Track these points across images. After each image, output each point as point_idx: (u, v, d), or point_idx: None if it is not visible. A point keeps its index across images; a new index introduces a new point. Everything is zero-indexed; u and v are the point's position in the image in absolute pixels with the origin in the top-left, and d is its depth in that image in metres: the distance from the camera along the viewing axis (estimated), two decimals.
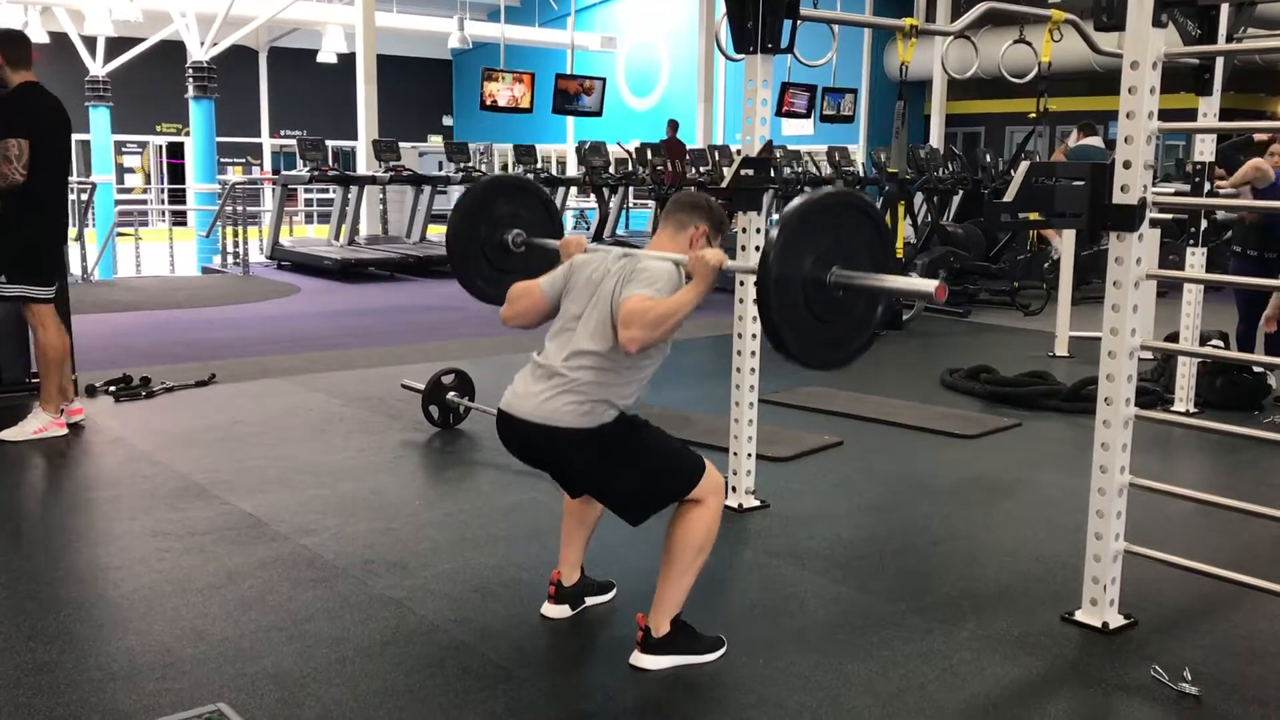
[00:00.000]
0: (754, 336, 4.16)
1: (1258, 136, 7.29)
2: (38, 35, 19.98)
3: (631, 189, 14.59)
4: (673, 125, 14.53)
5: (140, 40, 18.81)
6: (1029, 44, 7.35)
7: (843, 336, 2.90)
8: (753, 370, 4.21)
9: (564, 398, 2.81)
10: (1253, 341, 6.82)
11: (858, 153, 17.47)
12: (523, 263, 4.03)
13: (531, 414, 2.84)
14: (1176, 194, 6.51)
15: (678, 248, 3.03)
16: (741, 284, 4.16)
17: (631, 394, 2.91)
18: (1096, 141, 10.55)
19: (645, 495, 2.92)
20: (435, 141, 24.75)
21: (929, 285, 2.65)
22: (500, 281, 4.03)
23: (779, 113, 13.33)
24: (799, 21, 4.09)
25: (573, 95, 12.72)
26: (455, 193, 19.43)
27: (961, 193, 12.88)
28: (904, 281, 2.77)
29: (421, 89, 27.58)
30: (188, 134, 19.16)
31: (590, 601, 3.30)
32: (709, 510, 2.91)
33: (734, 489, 4.29)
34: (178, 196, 22.65)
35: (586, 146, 13.70)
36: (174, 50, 18.45)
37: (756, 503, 4.29)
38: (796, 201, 2.76)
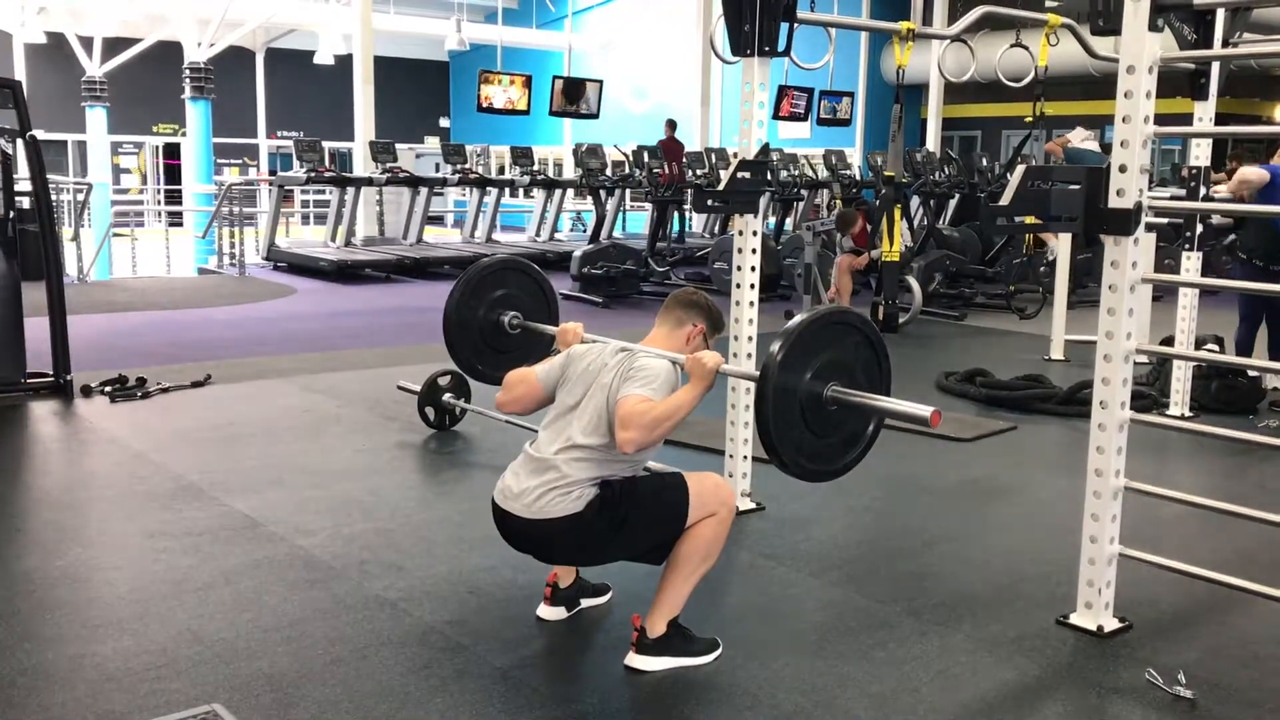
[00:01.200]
0: (750, 339, 4.17)
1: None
2: (35, 35, 20.00)
3: (629, 191, 14.60)
4: (670, 125, 14.53)
5: (137, 41, 18.79)
6: (1025, 48, 7.37)
7: (836, 450, 2.96)
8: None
9: (554, 493, 2.84)
10: (1252, 346, 6.82)
11: (854, 156, 17.48)
12: (518, 344, 4.10)
13: (524, 512, 2.87)
14: (1172, 198, 6.52)
15: (674, 345, 3.07)
16: (738, 286, 4.16)
17: (621, 475, 2.93)
18: (1094, 145, 10.58)
19: (651, 543, 2.95)
20: (432, 143, 24.73)
21: (925, 411, 2.74)
22: (495, 361, 4.13)
23: (777, 115, 13.36)
24: (796, 24, 4.10)
25: None
26: (452, 194, 19.48)
27: (958, 196, 12.90)
28: (898, 404, 2.87)
29: (418, 91, 27.56)
30: (184, 135, 19.13)
31: (586, 603, 3.30)
32: (718, 521, 2.93)
33: None
34: (174, 197, 22.61)
35: (584, 149, 13.71)
36: (171, 51, 18.43)
37: (752, 505, 4.30)
38: (799, 318, 2.84)
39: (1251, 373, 6.30)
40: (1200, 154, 5.45)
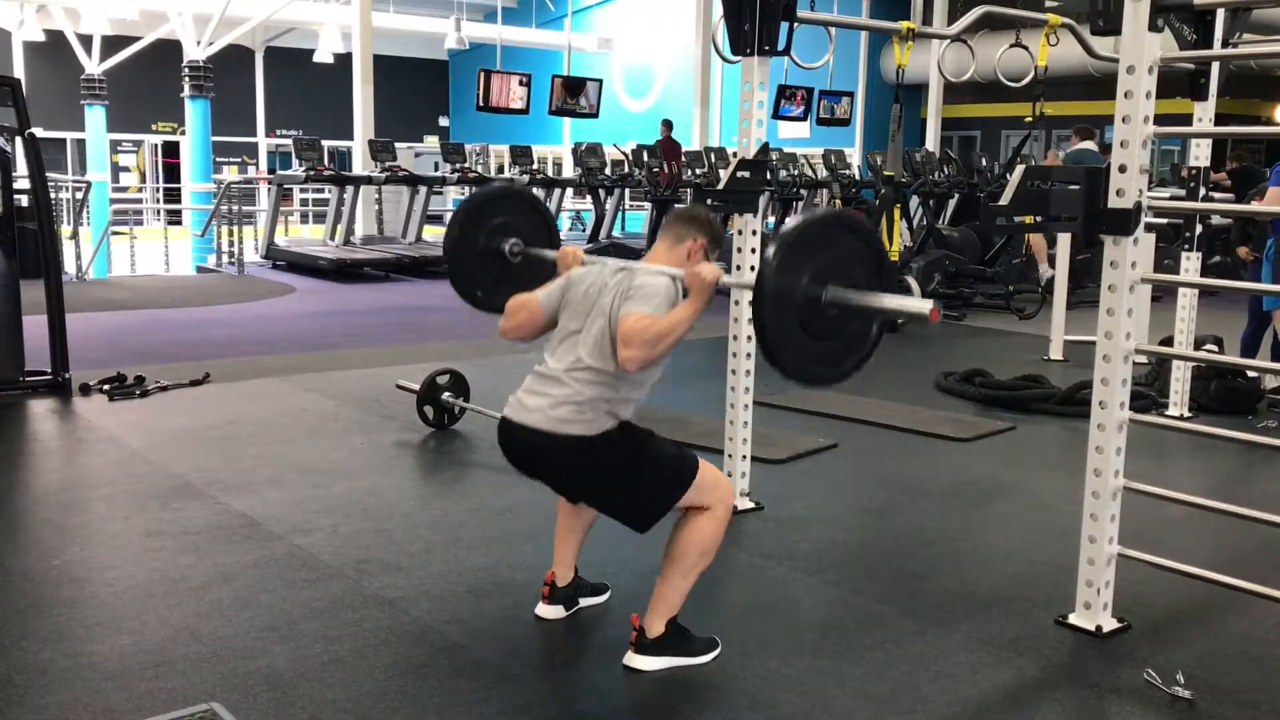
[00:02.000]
0: (749, 339, 4.16)
1: None
2: (34, 34, 19.98)
3: (628, 191, 14.59)
4: (667, 125, 14.52)
5: (136, 39, 18.78)
6: (1025, 48, 7.37)
7: (837, 354, 2.90)
8: (748, 372, 4.21)
9: (566, 407, 2.82)
10: (1257, 346, 6.85)
11: (854, 156, 17.48)
12: (519, 272, 4.04)
13: (534, 423, 2.85)
14: (1172, 198, 6.52)
15: (675, 260, 3.03)
16: (736, 303, 4.16)
17: (632, 405, 2.92)
18: (1091, 146, 10.58)
19: (647, 502, 2.92)
20: (431, 142, 24.74)
21: (924, 305, 2.65)
22: (496, 290, 4.03)
23: (776, 115, 13.35)
24: (796, 24, 4.09)
25: None
26: (451, 193, 19.48)
27: (957, 196, 12.89)
28: (898, 300, 2.78)
29: (418, 89, 27.56)
30: (183, 133, 19.14)
31: (584, 602, 3.29)
32: (715, 518, 2.91)
33: None
34: (173, 196, 22.61)
35: (583, 148, 13.71)
36: (170, 49, 18.43)
37: (751, 505, 4.30)
38: (793, 220, 2.79)
39: (1250, 373, 6.30)
40: (1200, 154, 5.45)
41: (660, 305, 2.81)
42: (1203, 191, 5.38)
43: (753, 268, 4.17)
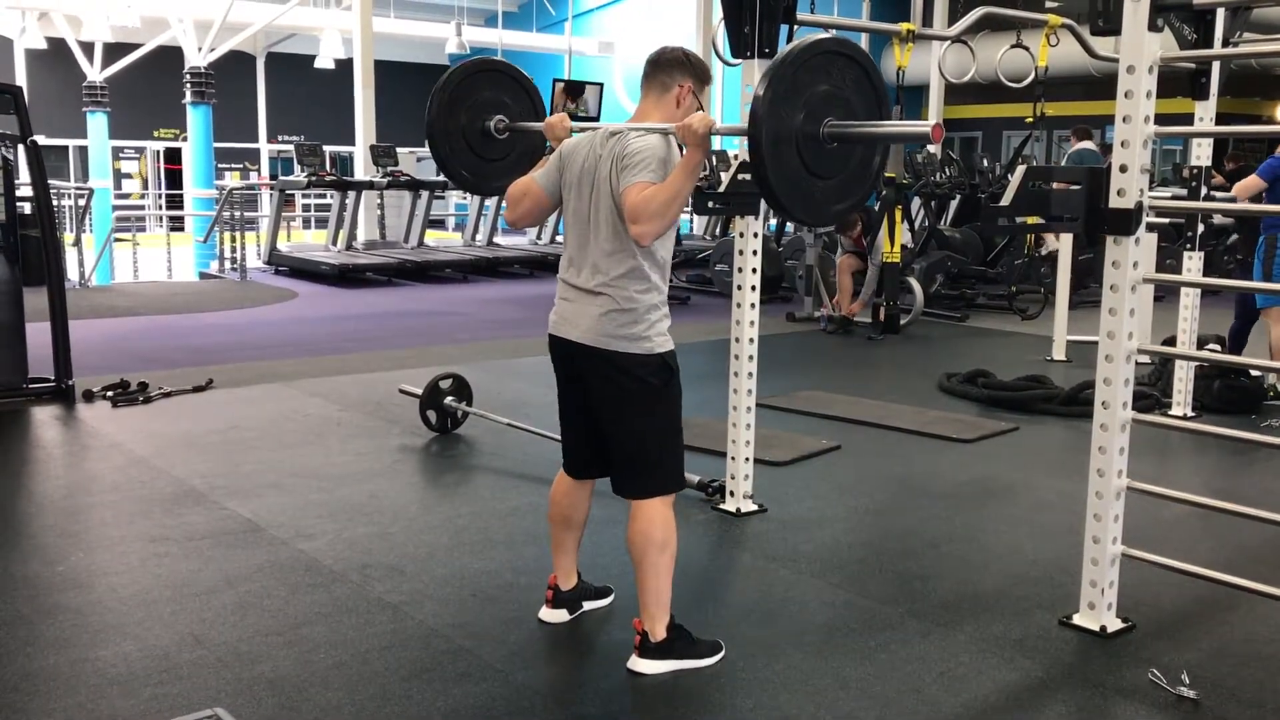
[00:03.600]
0: (751, 341, 4.16)
1: None
2: (36, 41, 20.01)
3: None
4: None
5: (138, 46, 18.80)
6: (1026, 48, 7.37)
7: (842, 188, 2.83)
8: (750, 374, 4.21)
9: (609, 319, 2.84)
10: (1245, 340, 6.92)
11: None
12: (507, 149, 3.94)
13: (581, 337, 2.88)
14: (1173, 198, 6.52)
15: (665, 112, 2.95)
16: (739, 288, 4.16)
17: (667, 275, 2.93)
18: (1091, 146, 10.58)
19: (644, 451, 2.93)
20: None
21: (924, 126, 2.58)
22: (485, 170, 3.95)
23: None
24: (795, 26, 4.10)
25: None
26: (453, 198, 19.49)
27: (959, 197, 12.88)
28: (899, 126, 2.71)
29: (419, 94, 27.39)
30: (185, 139, 19.16)
31: (588, 606, 3.29)
32: (663, 502, 2.92)
33: (731, 493, 4.29)
34: (175, 202, 22.63)
35: None
36: (172, 56, 18.45)
37: (754, 507, 4.29)
38: (783, 51, 2.68)
39: (1254, 372, 6.30)
40: (1201, 154, 5.44)
41: (657, 169, 2.76)
42: (1204, 191, 5.37)
43: (755, 251, 4.17)
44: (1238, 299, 7.05)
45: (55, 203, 9.77)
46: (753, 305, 4.16)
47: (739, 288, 4.17)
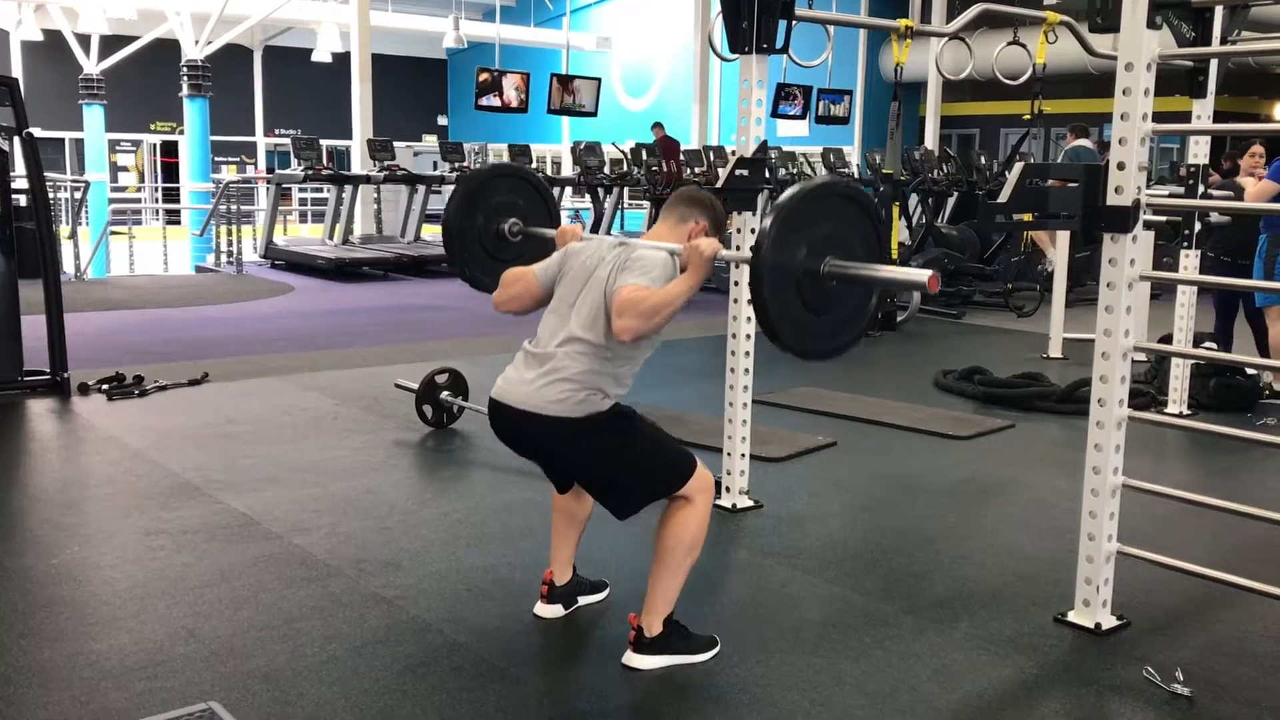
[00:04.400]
0: (748, 337, 4.16)
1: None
2: (32, 33, 19.96)
3: (627, 189, 14.59)
4: (659, 127, 14.50)
5: (135, 38, 18.77)
6: (1024, 46, 7.36)
7: (836, 327, 2.87)
8: (747, 370, 4.21)
9: (557, 386, 2.80)
10: (1231, 337, 6.95)
11: (853, 154, 17.48)
12: (519, 252, 4.00)
13: (523, 402, 2.83)
14: (1170, 196, 6.53)
15: (676, 240, 3.00)
16: (736, 284, 4.16)
17: (624, 382, 2.91)
18: (1088, 143, 10.59)
19: (635, 488, 2.92)
20: (430, 141, 24.73)
21: (922, 275, 2.63)
22: (496, 270, 4.00)
23: (775, 114, 13.35)
24: (794, 22, 4.09)
25: None
26: (450, 192, 19.48)
27: (956, 195, 12.89)
28: (897, 271, 2.76)
29: (416, 88, 27.53)
30: (182, 133, 19.13)
31: (583, 601, 3.29)
32: (698, 509, 2.90)
33: (727, 489, 4.29)
34: (172, 195, 22.59)
35: (582, 147, 13.70)
36: (169, 49, 18.41)
37: (750, 503, 4.29)
38: (790, 191, 2.74)
39: (1249, 370, 6.31)
40: (1199, 152, 5.44)
41: (658, 278, 2.79)
42: (1201, 189, 5.38)
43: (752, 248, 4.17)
44: (1217, 298, 7.14)
45: (51, 195, 9.73)
46: (749, 291, 4.14)
47: (735, 283, 4.16)
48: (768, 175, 10.27)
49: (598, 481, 2.97)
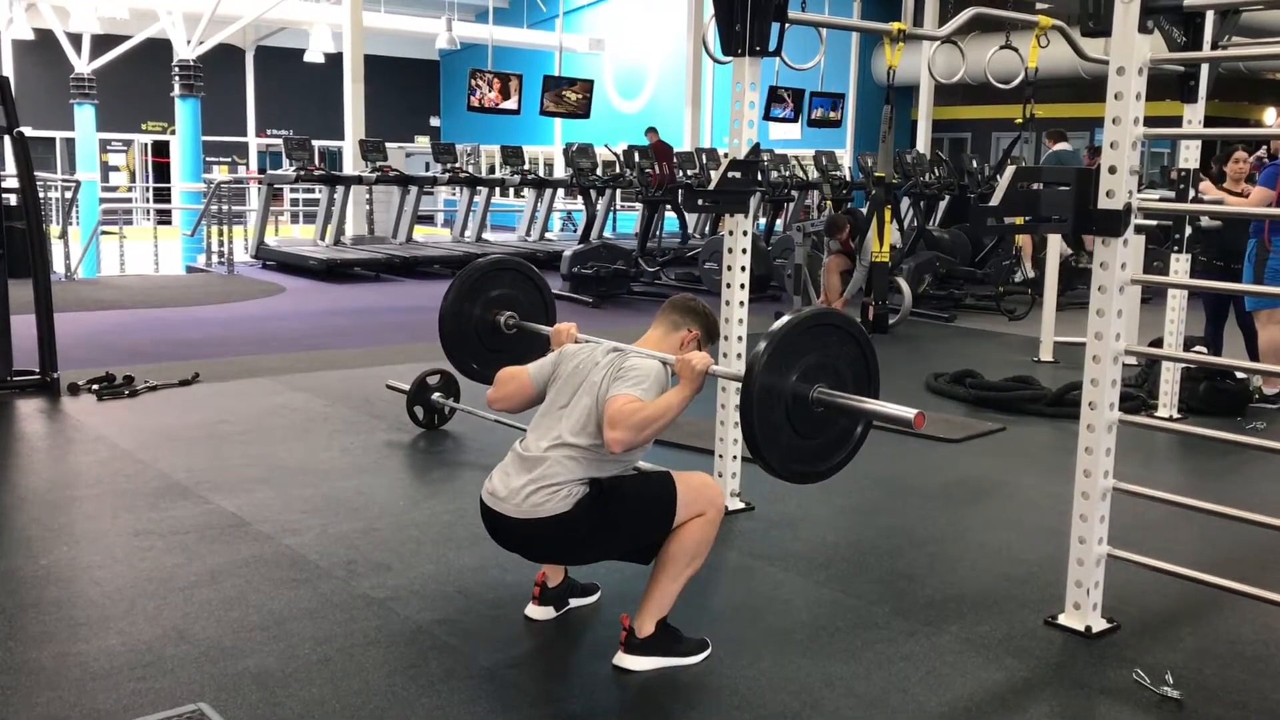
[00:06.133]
0: (740, 339, 4.16)
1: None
2: (23, 32, 19.90)
3: (619, 191, 14.59)
4: (652, 131, 14.50)
5: (126, 38, 18.72)
6: (1015, 50, 7.39)
7: (822, 451, 2.95)
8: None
9: (542, 492, 2.83)
10: (1221, 342, 6.97)
11: (845, 157, 17.51)
12: (514, 344, 4.09)
13: (513, 512, 2.86)
14: (1161, 200, 6.56)
15: (668, 347, 3.06)
16: (727, 286, 4.16)
17: (611, 474, 2.93)
18: (1067, 146, 10.64)
19: (641, 541, 2.94)
20: (422, 142, 24.71)
21: (908, 413, 2.71)
22: (490, 361, 4.11)
23: (767, 116, 13.37)
24: (787, 25, 4.09)
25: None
26: (442, 193, 19.45)
27: (948, 198, 12.91)
28: (883, 406, 2.85)
29: (409, 89, 27.52)
30: (173, 132, 19.09)
31: (574, 603, 3.29)
32: (707, 520, 2.92)
33: None
34: (163, 195, 22.55)
35: (574, 149, 13.69)
36: (160, 48, 18.37)
37: (741, 505, 4.29)
38: (784, 319, 2.82)
39: (1239, 374, 6.32)
40: (1189, 156, 5.46)
41: (650, 389, 2.83)
42: (1192, 193, 5.40)
43: (744, 250, 4.18)
44: (1207, 302, 7.16)
45: (42, 195, 9.71)
46: (742, 303, 4.16)
47: (728, 285, 4.17)
48: (760, 178, 10.28)
49: (608, 553, 3.00)
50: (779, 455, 2.83)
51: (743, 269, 4.15)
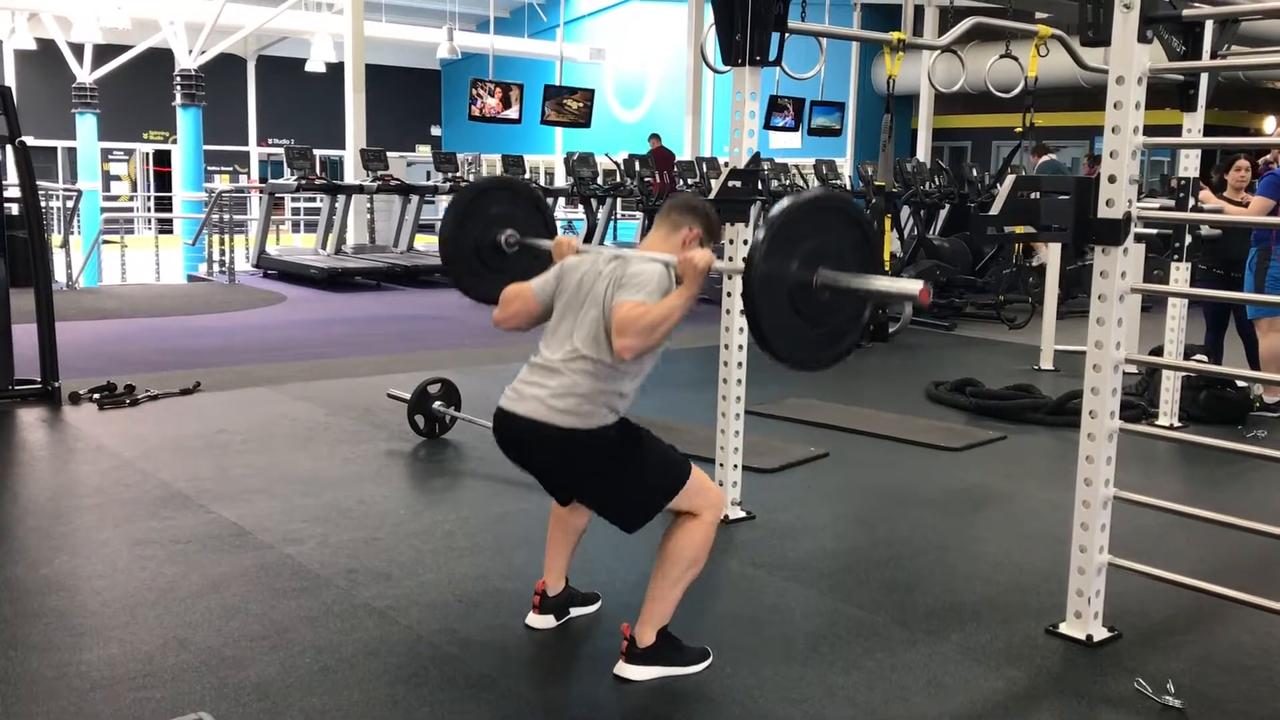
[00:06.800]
0: (741, 348, 4.17)
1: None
2: (25, 42, 19.95)
3: (619, 200, 14.62)
4: (655, 138, 14.52)
5: (128, 47, 18.75)
6: (1015, 59, 7.39)
7: (829, 337, 2.88)
8: (739, 381, 4.21)
9: (566, 398, 2.81)
10: (1222, 350, 6.97)
11: (845, 166, 17.52)
12: (515, 263, 4.01)
13: (533, 413, 2.84)
14: (1161, 209, 6.56)
15: (670, 249, 3.01)
16: (729, 295, 4.17)
17: (629, 396, 2.91)
18: (1053, 157, 10.68)
19: (637, 502, 2.92)
20: (423, 151, 24.73)
21: (914, 286, 2.64)
22: (492, 281, 3.99)
23: (767, 125, 13.38)
24: (787, 34, 4.11)
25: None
26: (443, 202, 19.46)
27: (948, 207, 12.93)
28: (889, 282, 2.76)
29: (410, 99, 27.55)
30: (175, 142, 19.12)
31: (575, 612, 3.29)
32: (704, 524, 2.91)
33: None
34: (164, 204, 22.57)
35: (575, 158, 13.71)
36: (162, 58, 18.41)
37: (742, 514, 4.29)
38: (783, 203, 2.75)
39: (1240, 383, 6.33)
40: (1189, 165, 5.47)
41: (654, 292, 2.80)
42: (1192, 202, 5.40)
43: (744, 259, 4.18)
44: (1208, 310, 7.17)
45: (43, 204, 9.72)
46: (742, 312, 4.16)
47: (728, 295, 4.17)
48: (760, 187, 10.29)
49: (601, 495, 2.97)
50: (787, 345, 2.77)
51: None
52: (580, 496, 3.06)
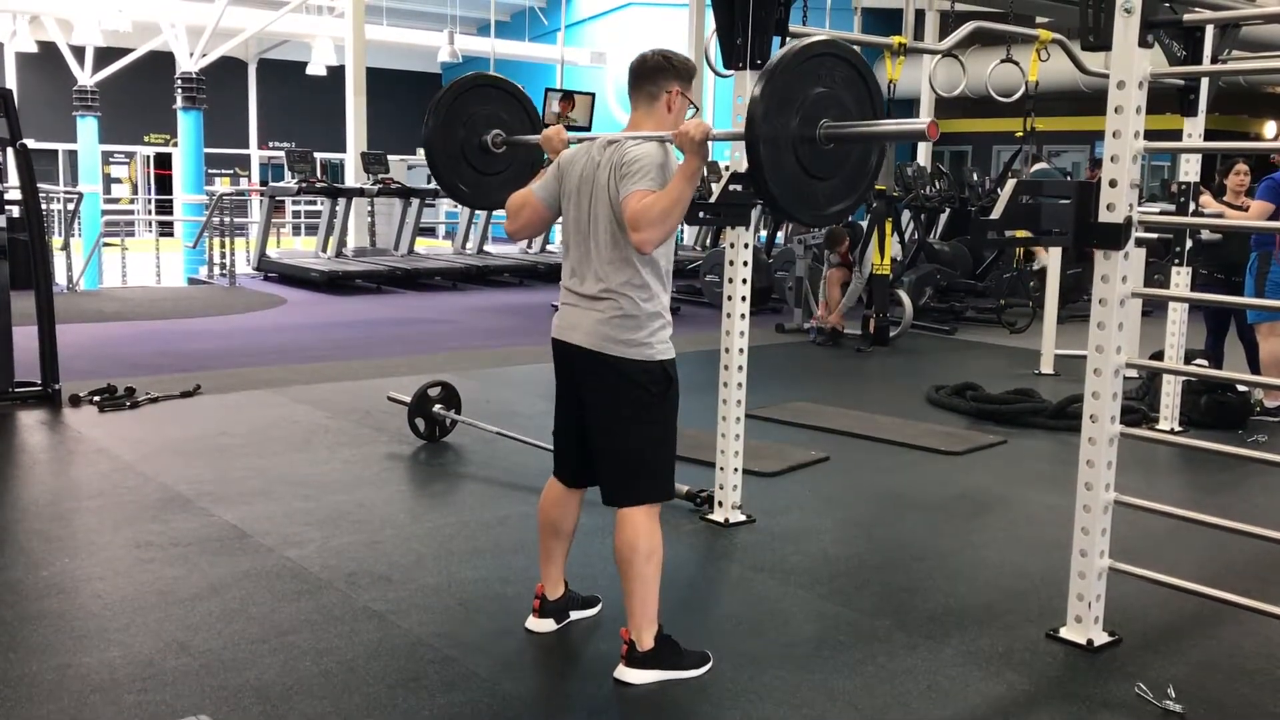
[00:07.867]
0: (741, 351, 4.17)
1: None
2: (26, 45, 19.97)
3: None
4: None
5: (129, 50, 18.77)
6: (1016, 63, 7.41)
7: (841, 189, 2.85)
8: (740, 385, 4.22)
9: (616, 323, 2.84)
10: (1222, 355, 6.98)
11: None
12: (505, 163, 3.94)
13: (585, 340, 2.89)
14: (1162, 213, 6.57)
15: (656, 122, 2.96)
16: (730, 299, 4.17)
17: (667, 282, 2.94)
18: (1045, 165, 10.72)
19: (639, 462, 2.93)
20: (424, 155, 24.73)
21: (919, 124, 2.59)
22: (483, 184, 3.95)
23: None
24: (788, 39, 4.11)
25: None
26: (444, 206, 19.48)
27: (948, 211, 12.93)
28: (894, 124, 2.72)
29: (411, 102, 27.52)
30: (176, 144, 19.13)
31: (575, 615, 3.29)
32: (641, 510, 2.91)
33: (720, 503, 4.29)
34: (165, 207, 22.59)
35: None
36: (163, 61, 18.43)
37: (742, 517, 4.29)
38: (778, 56, 2.69)
39: (1240, 387, 6.33)
40: (1189, 169, 5.47)
41: (656, 176, 2.77)
42: (1192, 206, 5.41)
43: (745, 262, 4.18)
44: (1208, 315, 7.19)
45: (44, 207, 9.73)
46: (743, 316, 4.16)
47: (729, 298, 4.17)
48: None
49: (614, 440, 2.95)
50: (802, 205, 2.74)
51: (744, 281, 4.16)
52: (593, 434, 3.00)
